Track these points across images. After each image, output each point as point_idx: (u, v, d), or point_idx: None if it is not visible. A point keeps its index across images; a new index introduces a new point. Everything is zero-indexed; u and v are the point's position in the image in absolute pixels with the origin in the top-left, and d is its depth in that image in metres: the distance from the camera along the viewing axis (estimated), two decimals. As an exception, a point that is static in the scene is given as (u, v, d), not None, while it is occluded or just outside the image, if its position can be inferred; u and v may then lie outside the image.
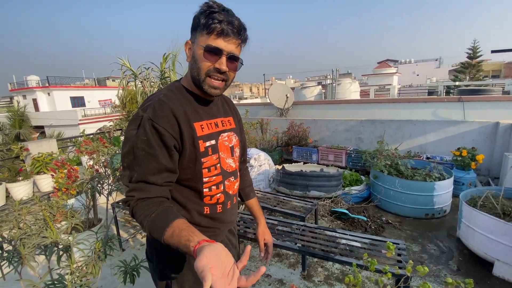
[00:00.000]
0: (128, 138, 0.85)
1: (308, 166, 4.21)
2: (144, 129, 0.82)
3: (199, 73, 0.87)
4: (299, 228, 2.13)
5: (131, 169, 0.84)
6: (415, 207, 3.23)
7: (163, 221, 0.75)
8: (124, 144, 0.86)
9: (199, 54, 0.86)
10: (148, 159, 0.82)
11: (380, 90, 18.03)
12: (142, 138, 0.82)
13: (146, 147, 0.82)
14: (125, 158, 0.85)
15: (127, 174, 0.85)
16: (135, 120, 0.85)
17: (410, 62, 39.83)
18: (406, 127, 4.92)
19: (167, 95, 0.89)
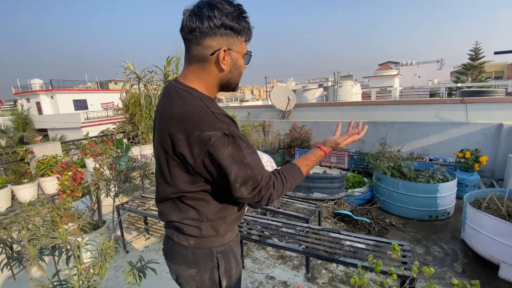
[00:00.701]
0: (229, 159, 0.81)
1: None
2: (239, 139, 0.83)
3: (240, 78, 0.94)
4: (303, 230, 2.14)
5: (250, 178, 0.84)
6: (419, 209, 3.22)
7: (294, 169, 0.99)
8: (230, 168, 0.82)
9: (241, 61, 0.91)
10: (256, 157, 0.87)
11: (381, 92, 18.03)
12: (243, 146, 0.83)
13: (250, 150, 0.85)
14: (238, 177, 0.83)
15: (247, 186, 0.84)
16: (222, 141, 0.80)
17: (412, 64, 39.81)
18: (408, 129, 4.93)
19: (214, 106, 0.89)
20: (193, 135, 0.79)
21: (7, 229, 1.60)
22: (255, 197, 0.87)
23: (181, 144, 0.82)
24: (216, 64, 0.88)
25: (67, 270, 1.60)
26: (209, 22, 0.81)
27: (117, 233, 3.12)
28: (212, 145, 0.78)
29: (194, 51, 0.87)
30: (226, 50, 0.85)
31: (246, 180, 0.83)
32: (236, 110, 7.51)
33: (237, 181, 0.83)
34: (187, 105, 0.85)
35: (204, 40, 0.83)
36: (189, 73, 0.92)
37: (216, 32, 0.83)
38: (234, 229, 1.07)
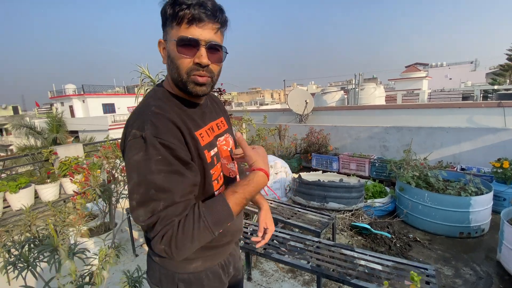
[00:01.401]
0: (133, 167, 0.68)
1: (327, 176, 3.99)
2: (155, 149, 0.66)
3: (180, 73, 0.74)
4: (313, 245, 1.97)
5: (151, 200, 0.66)
6: (448, 224, 2.91)
7: (217, 207, 0.72)
8: (130, 176, 0.68)
9: (174, 50, 0.73)
10: (173, 178, 0.68)
11: (408, 95, 17.12)
12: (156, 158, 0.66)
13: (166, 167, 0.67)
14: (135, 193, 0.67)
15: (145, 209, 0.66)
16: (135, 143, 0.68)
17: (442, 66, 37.59)
18: (437, 134, 4.54)
19: (159, 106, 0.76)
20: (126, 130, 0.74)
21: (9, 232, 1.60)
22: (149, 230, 0.68)
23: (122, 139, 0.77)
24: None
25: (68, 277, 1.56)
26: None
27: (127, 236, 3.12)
28: (126, 144, 0.70)
29: None
30: (161, 41, 0.79)
31: (145, 201, 0.66)
32: (253, 114, 7.42)
33: (132, 196, 0.68)
34: (141, 103, 0.82)
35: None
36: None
37: (162, 25, 0.77)
38: (208, 258, 0.89)
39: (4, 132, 26.71)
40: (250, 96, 50.47)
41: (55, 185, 4.62)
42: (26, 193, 4.14)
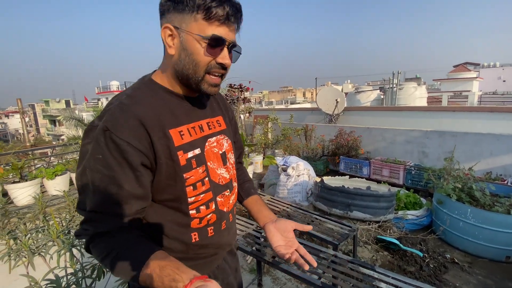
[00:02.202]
0: (82, 155, 0.66)
1: (354, 181, 3.69)
2: (99, 144, 0.62)
3: (197, 70, 0.69)
4: (328, 258, 1.77)
5: (85, 194, 0.65)
6: (493, 246, 2.50)
7: (135, 259, 0.61)
8: (79, 162, 0.67)
9: (197, 47, 0.67)
10: (106, 185, 0.63)
11: (455, 97, 15.58)
12: (96, 156, 0.62)
13: (103, 169, 0.62)
14: (78, 180, 0.67)
15: (81, 199, 0.67)
16: (89, 131, 0.66)
17: (495, 66, 33.69)
18: (486, 142, 3.97)
19: (132, 96, 0.69)
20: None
21: (21, 219, 1.64)
22: (82, 222, 0.67)
23: None
24: (165, 48, 0.71)
25: (69, 269, 1.57)
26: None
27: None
28: (85, 129, 0.69)
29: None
30: (170, 28, 0.67)
31: (83, 191, 0.66)
32: (281, 113, 7.23)
33: (78, 182, 0.67)
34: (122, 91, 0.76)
35: (161, 20, 0.71)
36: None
37: (166, 8, 0.68)
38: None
39: (57, 123, 29.63)
40: (281, 95, 50.05)
41: (88, 174, 4.91)
42: (61, 180, 4.43)
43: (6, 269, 1.89)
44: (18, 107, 16.72)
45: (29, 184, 4.06)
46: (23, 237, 1.38)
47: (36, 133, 29.84)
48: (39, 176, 4.22)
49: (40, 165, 5.65)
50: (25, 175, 4.23)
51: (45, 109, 33.38)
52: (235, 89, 3.82)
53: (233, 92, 3.82)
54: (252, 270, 2.41)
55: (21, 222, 1.69)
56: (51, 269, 1.42)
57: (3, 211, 1.96)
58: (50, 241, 1.44)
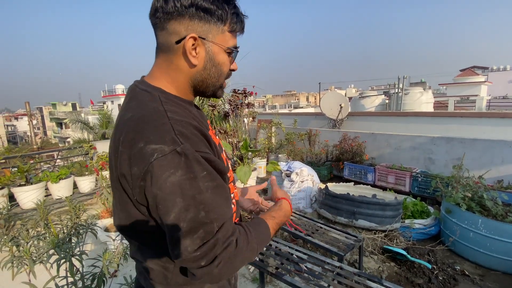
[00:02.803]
0: (174, 190, 0.55)
1: (359, 188, 3.62)
2: (199, 163, 0.57)
3: (220, 79, 0.72)
4: (333, 270, 1.71)
5: (201, 225, 0.56)
6: (506, 258, 2.40)
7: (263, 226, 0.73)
8: (170, 203, 0.55)
9: (225, 58, 0.70)
10: (219, 194, 0.61)
11: (462, 101, 15.35)
12: (201, 175, 0.57)
13: (211, 183, 0.59)
14: (181, 221, 0.55)
15: (194, 237, 0.56)
16: (169, 161, 0.55)
17: (505, 69, 33.22)
18: (496, 149, 3.87)
19: (172, 110, 0.63)
20: (135, 147, 0.57)
21: (24, 226, 1.62)
22: (203, 257, 0.56)
23: (123, 159, 0.59)
24: (184, 56, 0.66)
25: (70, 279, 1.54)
26: (176, 0, 0.61)
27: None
28: (153, 163, 0.54)
29: (159, 39, 0.67)
30: (196, 38, 0.64)
31: (194, 228, 0.55)
32: (284, 117, 7.19)
33: (179, 226, 0.55)
34: (140, 109, 0.62)
35: (168, 24, 0.64)
36: (155, 69, 0.70)
37: (183, 14, 0.62)
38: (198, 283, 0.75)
39: (64, 126, 30.03)
40: (285, 99, 50.04)
41: (92, 178, 4.92)
42: (65, 184, 4.46)
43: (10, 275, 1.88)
44: (26, 110, 17.00)
45: (34, 188, 4.08)
46: (25, 244, 1.36)
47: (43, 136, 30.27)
48: (44, 179, 4.24)
49: (46, 167, 5.70)
50: (30, 178, 4.26)
51: (52, 112, 33.90)
52: (239, 94, 3.81)
53: (237, 97, 3.81)
54: (255, 279, 2.35)
55: (24, 228, 1.67)
56: (52, 277, 1.40)
57: (7, 216, 1.95)
58: (50, 249, 1.41)
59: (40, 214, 1.62)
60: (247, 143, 3.78)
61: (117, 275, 2.36)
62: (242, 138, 4.15)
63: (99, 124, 19.98)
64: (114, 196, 0.72)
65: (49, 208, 1.66)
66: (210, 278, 0.59)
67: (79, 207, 1.94)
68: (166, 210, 0.55)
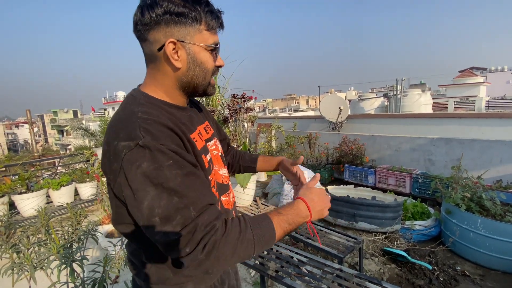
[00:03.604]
0: (143, 180, 0.57)
1: (359, 191, 3.63)
2: (162, 153, 0.59)
3: (206, 77, 0.75)
4: (332, 272, 1.72)
5: (177, 210, 0.57)
6: (506, 257, 2.40)
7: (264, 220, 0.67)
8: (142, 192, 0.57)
9: (206, 56, 0.72)
10: (193, 182, 0.61)
11: (461, 102, 15.39)
12: (166, 164, 0.58)
13: (180, 170, 0.59)
14: (155, 208, 0.57)
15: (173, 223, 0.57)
16: (134, 154, 0.58)
17: (503, 70, 33.32)
18: (495, 149, 3.89)
19: (145, 111, 0.66)
20: (112, 145, 0.62)
21: (25, 232, 1.64)
22: (186, 243, 0.56)
23: (106, 159, 0.64)
24: (167, 62, 0.70)
25: (71, 284, 1.55)
26: (150, 11, 0.65)
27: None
28: (123, 159, 0.59)
29: (144, 50, 0.73)
30: (175, 42, 0.68)
31: (170, 214, 0.57)
32: (284, 121, 7.22)
33: (153, 213, 0.57)
34: (120, 111, 0.69)
35: (148, 34, 0.69)
36: (146, 77, 0.76)
37: (159, 22, 0.66)
38: (200, 279, 0.78)
39: (65, 133, 30.14)
40: (285, 103, 50.21)
41: (92, 184, 4.93)
42: (66, 191, 4.47)
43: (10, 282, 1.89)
44: (27, 117, 17.09)
45: (35, 195, 4.10)
46: (25, 250, 1.37)
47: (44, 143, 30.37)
48: (45, 186, 4.26)
49: (47, 175, 5.72)
50: (31, 186, 4.28)
51: (53, 119, 34.06)
52: (238, 99, 3.85)
53: (236, 101, 3.85)
54: (256, 283, 2.36)
55: (24, 235, 1.69)
56: (53, 283, 1.41)
57: (7, 223, 1.96)
58: (51, 255, 1.43)
59: (41, 221, 1.63)
60: (246, 147, 3.80)
61: (118, 281, 2.37)
62: (241, 142, 4.18)
63: (100, 130, 20.11)
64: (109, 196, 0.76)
65: (49, 215, 1.67)
66: (199, 266, 0.58)
67: (80, 213, 1.95)
68: (141, 200, 0.58)
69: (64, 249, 1.44)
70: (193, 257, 0.57)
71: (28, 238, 1.63)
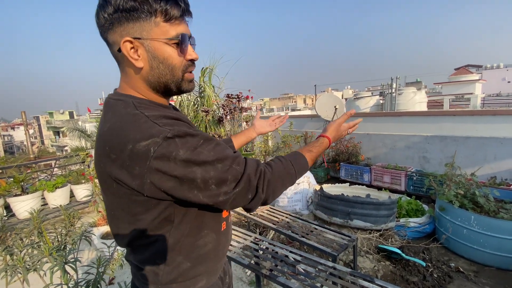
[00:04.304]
0: (185, 165, 0.59)
1: (354, 189, 3.65)
2: (191, 136, 0.62)
3: (175, 73, 0.69)
4: (326, 271, 1.73)
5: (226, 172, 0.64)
6: (500, 254, 2.43)
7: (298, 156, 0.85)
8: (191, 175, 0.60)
9: (168, 51, 0.66)
10: (222, 149, 0.67)
11: (457, 100, 15.49)
12: (199, 144, 0.62)
13: (210, 145, 0.64)
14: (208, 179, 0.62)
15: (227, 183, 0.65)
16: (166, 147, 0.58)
17: (499, 67, 33.56)
18: (489, 146, 3.93)
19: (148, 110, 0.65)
20: (125, 151, 0.58)
21: (18, 235, 1.63)
22: (246, 191, 0.67)
23: (116, 167, 0.61)
24: (129, 63, 0.66)
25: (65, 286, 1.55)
26: (102, 12, 0.62)
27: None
28: (153, 157, 0.57)
29: (111, 53, 0.70)
30: (132, 40, 0.63)
31: (223, 178, 0.64)
32: (281, 120, 7.20)
33: (208, 184, 0.63)
34: (117, 117, 0.64)
35: (108, 36, 0.66)
36: (120, 81, 0.73)
37: (113, 22, 0.63)
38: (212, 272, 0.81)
39: (61, 135, 29.95)
40: (282, 102, 50.25)
41: (88, 186, 4.90)
42: (62, 192, 4.44)
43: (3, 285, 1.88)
44: (23, 119, 16.94)
45: (30, 197, 4.07)
46: (18, 253, 1.37)
47: (40, 145, 30.15)
48: (40, 188, 4.23)
49: (43, 177, 5.68)
50: (26, 188, 4.25)
51: (49, 120, 33.81)
52: (233, 99, 3.85)
53: (231, 101, 3.86)
54: (252, 282, 2.36)
55: (18, 237, 1.68)
56: (46, 285, 1.41)
57: (1, 226, 1.95)
58: (44, 257, 1.42)
59: (33, 223, 1.63)
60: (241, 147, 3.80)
61: (113, 283, 2.36)
62: (237, 142, 4.19)
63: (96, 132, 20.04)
64: (107, 205, 0.73)
65: (43, 217, 1.67)
66: (263, 203, 0.72)
67: (74, 215, 1.95)
68: (193, 179, 0.61)
69: (57, 251, 1.43)
70: (257, 199, 0.69)
71: (21, 240, 1.62)
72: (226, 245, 0.86)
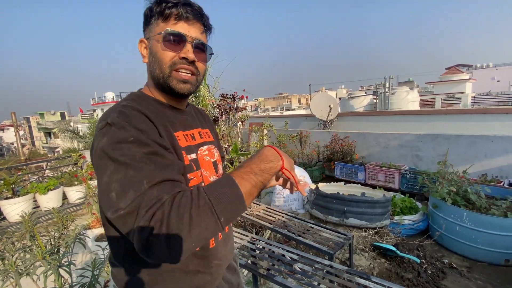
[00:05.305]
0: (103, 154, 0.57)
1: (349, 187, 3.68)
2: (125, 130, 0.58)
3: (162, 68, 0.71)
4: (322, 269, 1.74)
5: (131, 184, 0.54)
6: (491, 249, 2.48)
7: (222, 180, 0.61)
8: (102, 167, 0.57)
9: (157, 45, 0.71)
10: (152, 159, 0.58)
11: (448, 99, 15.76)
12: (128, 140, 0.57)
13: (141, 149, 0.57)
14: (113, 182, 0.55)
15: (125, 196, 0.53)
16: (101, 132, 0.60)
17: (488, 67, 34.27)
18: (480, 144, 4.00)
19: (130, 105, 0.68)
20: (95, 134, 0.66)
21: (9, 238, 1.60)
22: (134, 220, 0.52)
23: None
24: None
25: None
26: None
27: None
28: (94, 140, 0.63)
29: None
30: (143, 40, 0.76)
31: (124, 188, 0.54)
32: (275, 120, 7.24)
33: (110, 187, 0.55)
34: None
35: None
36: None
37: (143, 27, 0.77)
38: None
39: (53, 136, 29.42)
40: (277, 102, 50.34)
41: (81, 187, 4.83)
42: (54, 195, 4.37)
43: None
44: (13, 120, 16.58)
45: (21, 200, 3.99)
46: (10, 257, 1.34)
47: (31, 146, 29.58)
48: (31, 191, 4.15)
49: (34, 179, 5.57)
50: (17, 191, 4.16)
51: (40, 121, 33.19)
52: (228, 98, 3.84)
53: (226, 101, 3.85)
54: (249, 282, 2.36)
55: (9, 241, 1.65)
56: (38, 290, 1.38)
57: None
58: (37, 261, 1.40)
59: (25, 226, 1.59)
60: (237, 147, 3.79)
61: (108, 285, 2.33)
62: (232, 142, 4.18)
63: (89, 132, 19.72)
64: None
65: (35, 220, 1.64)
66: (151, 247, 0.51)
67: (67, 217, 1.92)
68: (101, 174, 0.58)
69: (51, 254, 1.41)
70: (141, 236, 0.51)
71: (13, 244, 1.59)
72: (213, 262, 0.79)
